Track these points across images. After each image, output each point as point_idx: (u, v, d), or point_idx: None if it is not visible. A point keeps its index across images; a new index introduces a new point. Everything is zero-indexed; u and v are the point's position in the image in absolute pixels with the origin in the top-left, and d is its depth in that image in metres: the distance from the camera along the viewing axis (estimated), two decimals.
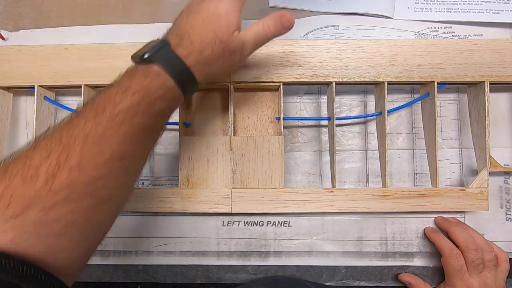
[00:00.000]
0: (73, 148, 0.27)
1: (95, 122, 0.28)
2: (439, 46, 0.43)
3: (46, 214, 0.25)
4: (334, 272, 0.46)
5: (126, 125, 0.29)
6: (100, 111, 0.29)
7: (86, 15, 0.49)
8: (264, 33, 0.35)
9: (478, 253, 0.40)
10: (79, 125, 0.28)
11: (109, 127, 0.28)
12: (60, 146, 0.27)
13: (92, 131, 0.28)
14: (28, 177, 0.25)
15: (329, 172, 0.46)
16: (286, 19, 0.35)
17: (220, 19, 0.33)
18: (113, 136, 0.29)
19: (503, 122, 0.47)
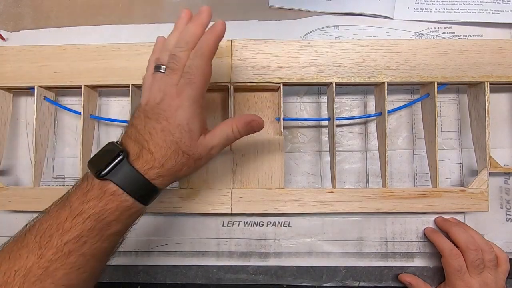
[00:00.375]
0: (11, 287, 0.26)
1: (38, 255, 0.27)
2: (439, 47, 0.43)
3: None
4: (334, 273, 0.46)
5: (74, 255, 0.27)
6: (45, 242, 0.27)
7: (86, 15, 0.49)
8: (233, 136, 0.34)
9: (479, 254, 0.40)
10: (21, 259, 0.27)
11: (54, 259, 0.27)
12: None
13: (34, 267, 0.27)
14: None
15: (329, 172, 0.46)
16: (256, 124, 0.34)
17: (181, 130, 0.31)
18: (59, 269, 0.27)
19: (503, 123, 0.47)
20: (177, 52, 0.31)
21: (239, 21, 0.48)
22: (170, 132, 0.31)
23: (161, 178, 0.31)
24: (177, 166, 0.31)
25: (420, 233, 0.46)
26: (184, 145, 0.31)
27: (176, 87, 0.31)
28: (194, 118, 0.31)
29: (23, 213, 0.48)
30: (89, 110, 0.45)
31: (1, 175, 0.48)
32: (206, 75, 0.32)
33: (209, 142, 0.32)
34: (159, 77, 0.32)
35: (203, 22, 0.32)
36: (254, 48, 0.43)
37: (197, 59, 0.31)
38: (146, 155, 0.30)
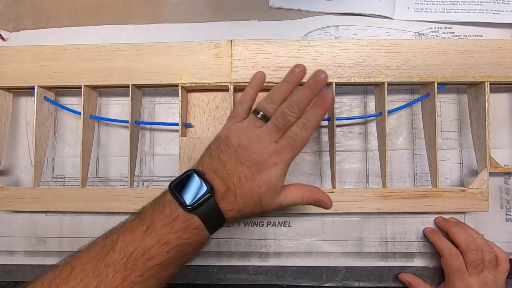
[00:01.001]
0: None
1: (124, 276, 0.29)
2: (439, 47, 0.43)
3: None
4: (334, 273, 0.46)
5: (153, 279, 0.29)
6: (131, 265, 0.29)
7: (86, 16, 0.49)
8: (300, 203, 0.35)
9: (478, 253, 0.40)
10: (108, 278, 0.28)
11: (137, 282, 0.29)
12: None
13: (119, 287, 0.28)
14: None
15: (329, 172, 0.46)
16: (325, 205, 0.35)
17: (269, 186, 0.32)
18: None
19: (503, 123, 0.47)
20: (288, 115, 0.33)
21: (239, 21, 0.48)
22: (259, 184, 0.32)
23: (234, 219, 0.33)
24: (249, 214, 0.33)
25: (420, 233, 0.46)
26: (264, 200, 0.32)
27: (276, 145, 0.32)
28: (282, 178, 0.33)
29: (23, 213, 0.48)
30: (89, 110, 0.45)
31: (1, 175, 0.48)
32: (304, 145, 0.33)
33: (281, 202, 0.34)
34: (258, 125, 0.33)
35: (316, 90, 0.33)
36: (254, 48, 0.43)
37: (306, 132, 0.33)
38: (230, 197, 0.31)
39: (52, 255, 0.47)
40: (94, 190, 0.44)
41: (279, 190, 0.33)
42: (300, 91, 0.34)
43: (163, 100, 0.48)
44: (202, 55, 0.43)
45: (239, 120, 0.35)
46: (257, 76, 0.37)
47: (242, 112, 0.35)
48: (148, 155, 0.48)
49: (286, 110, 0.33)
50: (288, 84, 0.34)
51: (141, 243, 0.29)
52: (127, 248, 0.29)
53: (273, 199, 0.33)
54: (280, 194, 0.33)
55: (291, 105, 0.33)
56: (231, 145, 0.33)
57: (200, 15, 0.49)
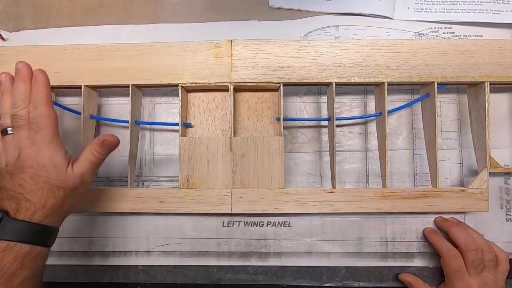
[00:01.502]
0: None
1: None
2: (439, 47, 0.43)
3: None
4: (334, 273, 0.46)
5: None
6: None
7: (86, 16, 0.49)
8: (95, 159, 0.36)
9: (478, 253, 0.40)
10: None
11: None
12: None
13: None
14: None
15: (329, 172, 0.46)
16: (108, 143, 0.36)
17: (47, 169, 0.33)
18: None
19: (503, 123, 0.47)
20: (17, 112, 0.34)
21: (239, 21, 0.48)
22: (38, 174, 0.33)
23: (48, 217, 0.33)
24: (58, 201, 0.33)
25: (420, 233, 0.46)
26: (54, 180, 0.33)
27: (29, 139, 0.34)
28: (55, 155, 0.34)
29: None
30: (89, 110, 0.45)
31: None
32: (52, 118, 0.35)
33: (77, 171, 0.35)
34: (9, 138, 0.35)
35: (25, 77, 0.35)
36: (254, 48, 0.43)
37: (38, 109, 0.34)
38: (24, 204, 0.32)
39: (52, 255, 0.47)
40: (94, 190, 0.44)
41: (64, 164, 0.34)
42: (13, 89, 0.35)
43: (163, 100, 0.48)
44: (202, 55, 0.43)
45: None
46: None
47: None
48: (148, 155, 0.48)
49: (13, 110, 0.34)
50: (5, 93, 0.36)
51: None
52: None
53: (64, 175, 0.34)
54: (73, 165, 0.35)
55: (14, 104, 0.35)
56: (2, 171, 0.34)
57: (200, 15, 0.49)
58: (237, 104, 0.46)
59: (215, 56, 0.43)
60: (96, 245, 0.47)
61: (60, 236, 0.48)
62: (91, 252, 0.47)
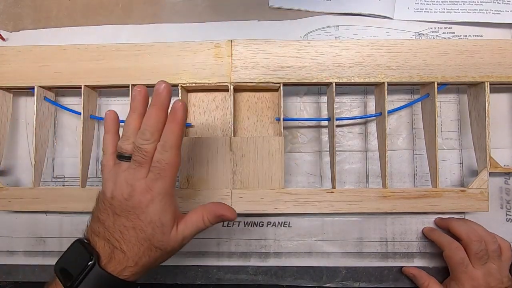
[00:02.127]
0: None
1: None
2: (439, 47, 0.43)
3: None
4: (334, 273, 0.46)
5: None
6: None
7: (86, 16, 0.49)
8: (204, 226, 0.33)
9: (482, 244, 0.40)
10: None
11: None
12: None
13: None
14: None
15: (329, 172, 0.46)
16: (227, 219, 0.33)
17: (153, 226, 0.30)
18: None
19: (503, 123, 0.47)
20: (143, 145, 0.30)
21: (239, 21, 0.48)
22: (142, 229, 0.30)
23: (135, 275, 0.30)
24: (150, 261, 0.31)
25: (420, 233, 0.46)
26: (156, 241, 0.30)
27: (145, 180, 0.30)
28: (165, 211, 0.31)
29: (23, 213, 0.48)
30: (89, 110, 0.45)
31: (1, 175, 0.48)
32: (176, 167, 0.31)
33: (181, 234, 0.32)
34: (124, 167, 0.31)
35: (164, 105, 0.31)
36: (254, 48, 0.43)
37: (166, 154, 0.30)
38: (118, 255, 0.29)
39: (52, 255, 0.47)
40: (94, 190, 0.44)
41: (170, 225, 0.31)
42: (146, 114, 0.31)
43: None
44: (202, 55, 0.43)
45: (109, 170, 0.32)
46: (107, 118, 0.34)
47: (107, 160, 0.33)
48: None
49: (140, 140, 0.30)
50: (134, 112, 0.32)
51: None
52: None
53: (167, 237, 0.31)
54: (178, 226, 0.32)
55: (142, 133, 0.30)
56: (106, 201, 0.31)
57: (200, 15, 0.49)
58: (237, 104, 0.46)
59: (215, 56, 0.43)
60: None
61: (60, 236, 0.48)
62: None
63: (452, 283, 0.42)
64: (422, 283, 0.43)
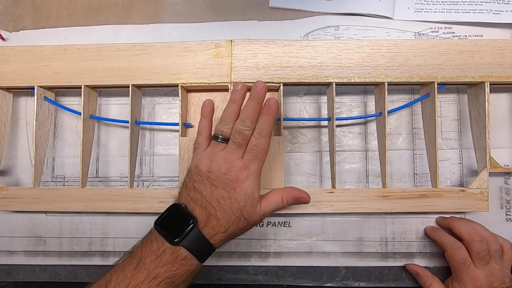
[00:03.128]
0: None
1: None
2: (439, 47, 0.43)
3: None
4: (334, 273, 0.46)
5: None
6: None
7: (86, 16, 0.49)
8: (282, 205, 0.37)
9: (484, 244, 0.40)
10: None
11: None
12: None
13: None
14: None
15: (329, 172, 0.46)
16: (303, 201, 0.38)
17: (246, 199, 0.34)
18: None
19: (503, 123, 0.47)
20: (243, 130, 0.35)
21: (239, 21, 0.48)
22: (237, 200, 0.34)
23: (222, 241, 0.34)
24: (236, 230, 0.35)
25: (420, 233, 0.46)
26: (246, 212, 0.34)
27: (242, 160, 0.35)
28: (256, 188, 0.35)
29: (23, 213, 0.48)
30: (89, 110, 0.45)
31: (1, 175, 0.48)
32: (267, 152, 0.36)
33: (263, 210, 0.36)
34: (221, 147, 0.36)
35: (261, 98, 0.36)
36: (254, 48, 0.43)
37: (263, 140, 0.35)
38: (213, 221, 0.33)
39: (52, 255, 0.47)
40: (94, 190, 0.44)
41: (258, 200, 0.35)
42: (246, 105, 0.36)
43: (163, 100, 0.48)
44: (202, 55, 0.43)
45: (203, 149, 0.37)
46: (206, 105, 0.39)
47: (203, 141, 0.38)
48: (148, 155, 0.48)
49: (240, 126, 0.35)
50: (235, 103, 0.37)
51: (132, 280, 0.31)
52: (119, 286, 0.31)
53: (254, 210, 0.35)
54: (261, 203, 0.36)
55: (243, 120, 0.35)
56: (202, 174, 0.35)
57: (200, 15, 0.49)
58: None
59: (215, 56, 0.43)
60: (96, 245, 0.47)
61: (60, 236, 0.48)
62: (91, 252, 0.47)
63: (454, 283, 0.42)
64: (425, 281, 0.43)
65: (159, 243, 0.33)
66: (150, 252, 0.32)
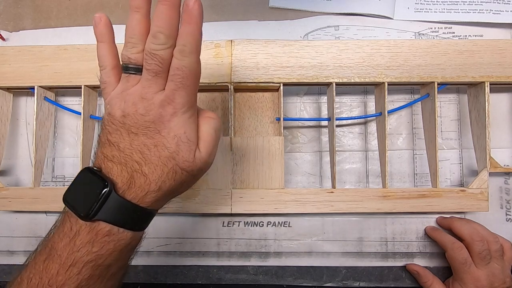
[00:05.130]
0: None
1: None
2: (439, 47, 0.43)
3: None
4: (334, 273, 0.46)
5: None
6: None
7: (86, 16, 0.49)
8: (218, 121, 0.29)
9: (484, 244, 0.40)
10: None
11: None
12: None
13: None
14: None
15: (329, 172, 0.46)
16: None
17: (177, 142, 0.26)
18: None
19: (503, 123, 0.47)
20: (157, 51, 0.25)
21: (239, 21, 0.48)
22: (165, 146, 0.26)
23: (157, 202, 0.27)
24: (174, 186, 0.27)
25: (420, 233, 0.46)
26: (182, 160, 0.26)
27: (163, 93, 0.26)
28: (190, 126, 0.27)
29: (23, 213, 0.48)
30: (89, 110, 0.45)
31: (1, 175, 0.48)
32: (198, 75, 0.27)
33: (205, 152, 0.28)
34: (133, 81, 0.27)
35: (175, 1, 0.26)
36: (254, 48, 0.43)
37: (187, 59, 0.26)
38: (139, 179, 0.26)
39: None
40: None
41: (196, 141, 0.27)
42: (156, 12, 0.25)
43: None
44: (202, 55, 0.43)
45: (112, 88, 0.28)
46: (99, 23, 0.28)
47: (109, 76, 0.28)
48: None
49: (152, 45, 0.25)
50: (137, 12, 0.26)
51: (43, 274, 0.25)
52: (31, 284, 0.25)
53: (192, 154, 0.26)
54: (199, 145, 0.27)
55: (154, 37, 0.25)
56: (115, 121, 0.27)
57: None
58: (237, 104, 0.47)
59: (215, 56, 0.43)
60: None
61: None
62: None
63: (455, 284, 0.42)
64: (425, 281, 0.43)
65: (72, 221, 0.26)
66: (63, 235, 0.26)
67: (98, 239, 0.25)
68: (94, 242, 0.25)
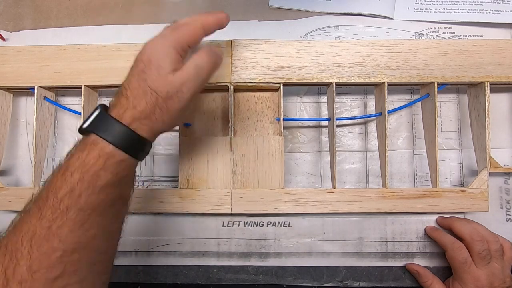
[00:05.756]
0: (20, 252, 0.26)
1: (39, 216, 0.26)
2: (439, 47, 0.43)
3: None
4: (334, 273, 0.46)
5: (72, 210, 0.27)
6: (43, 203, 0.27)
7: (86, 16, 0.49)
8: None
9: (484, 244, 0.40)
10: (25, 224, 0.26)
11: (54, 218, 0.26)
12: (6, 255, 0.26)
13: (38, 227, 0.26)
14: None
15: (329, 172, 0.46)
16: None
17: (150, 66, 0.29)
18: (62, 227, 0.26)
19: (503, 123, 0.47)
20: None
21: (239, 21, 0.48)
22: (142, 69, 0.30)
23: (137, 121, 0.29)
24: (148, 108, 0.29)
25: (420, 233, 0.46)
26: (151, 81, 0.29)
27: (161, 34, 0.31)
28: (164, 53, 0.30)
29: None
30: (89, 110, 0.45)
31: (1, 175, 0.48)
32: (192, 28, 0.32)
33: (178, 78, 0.30)
34: None
35: None
36: (254, 48, 0.43)
37: None
38: (122, 100, 0.30)
39: None
40: None
41: (168, 67, 0.30)
42: None
43: None
44: None
45: None
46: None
47: None
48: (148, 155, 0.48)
49: None
50: None
51: (49, 183, 0.28)
52: (40, 194, 0.28)
53: (160, 79, 0.29)
54: (175, 73, 0.30)
55: None
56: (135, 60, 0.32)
57: None
58: (237, 104, 0.46)
59: None
60: None
61: None
62: None
63: (455, 283, 0.42)
64: (425, 281, 0.43)
65: (76, 144, 0.29)
66: (68, 153, 0.29)
67: (87, 146, 0.28)
68: (83, 149, 0.28)
